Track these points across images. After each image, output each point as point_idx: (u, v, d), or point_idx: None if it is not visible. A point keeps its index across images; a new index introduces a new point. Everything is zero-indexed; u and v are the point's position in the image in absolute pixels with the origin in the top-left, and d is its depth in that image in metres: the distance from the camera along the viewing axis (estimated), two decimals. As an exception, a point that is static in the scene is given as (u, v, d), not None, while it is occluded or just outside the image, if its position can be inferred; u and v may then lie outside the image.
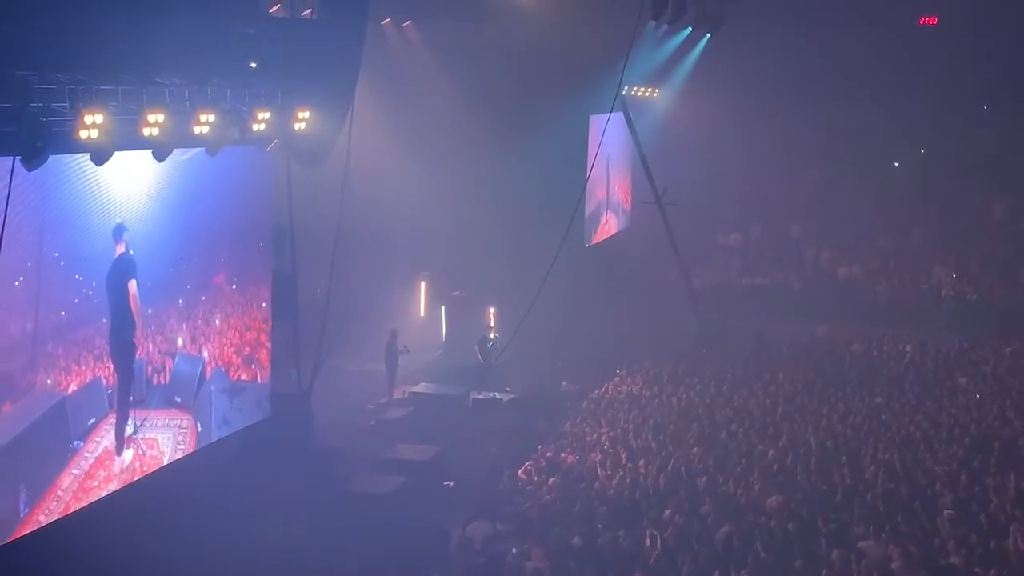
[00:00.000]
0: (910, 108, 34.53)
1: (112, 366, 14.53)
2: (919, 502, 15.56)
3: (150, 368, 15.40)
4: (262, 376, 18.13)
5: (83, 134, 12.36)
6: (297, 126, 16.85)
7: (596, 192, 30.67)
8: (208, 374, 16.70)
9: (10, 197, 11.64)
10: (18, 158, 11.78)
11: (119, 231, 14.48)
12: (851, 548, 13.82)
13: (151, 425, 15.45)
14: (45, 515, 13.32)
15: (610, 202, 32.95)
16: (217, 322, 16.91)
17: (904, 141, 36.93)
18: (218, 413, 16.93)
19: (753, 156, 34.86)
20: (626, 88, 28.46)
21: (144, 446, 15.28)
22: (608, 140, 24.66)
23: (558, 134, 26.41)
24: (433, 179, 24.29)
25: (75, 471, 13.90)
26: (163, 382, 15.69)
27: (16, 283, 12.74)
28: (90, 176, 13.67)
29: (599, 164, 26.79)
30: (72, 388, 13.77)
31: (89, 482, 14.15)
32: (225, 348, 17.15)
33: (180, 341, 16.03)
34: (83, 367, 13.98)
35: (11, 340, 12.74)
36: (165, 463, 15.69)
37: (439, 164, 24.29)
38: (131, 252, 14.67)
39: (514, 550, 14.43)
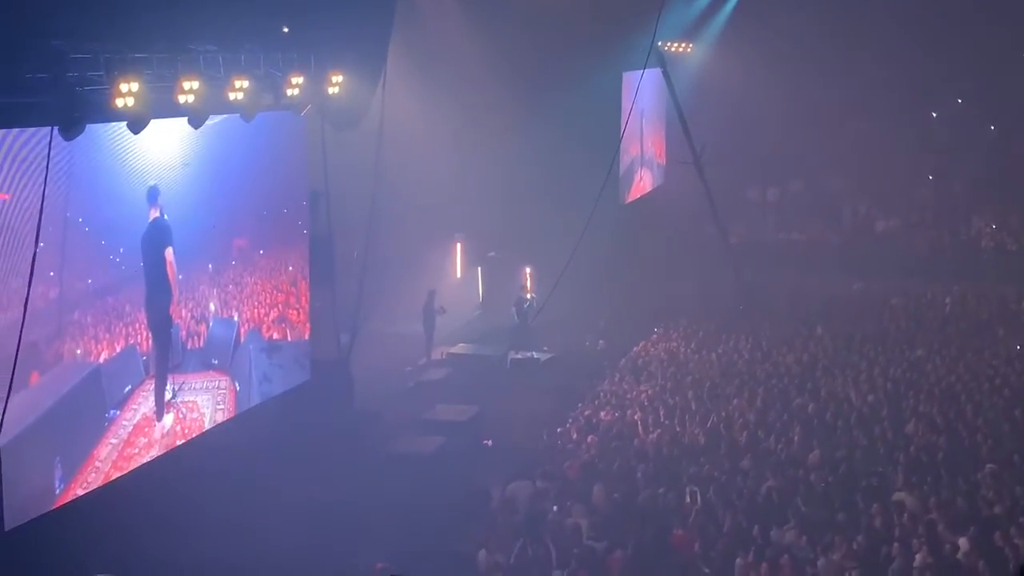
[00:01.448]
0: (947, 57, 33.93)
1: (146, 332, 14.46)
2: (961, 454, 15.50)
3: (184, 332, 15.43)
4: (293, 335, 18.19)
5: (119, 103, 12.37)
6: (331, 90, 16.88)
7: (630, 148, 30.41)
8: (243, 336, 16.80)
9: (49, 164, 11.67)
10: (56, 128, 11.83)
11: (153, 194, 14.30)
12: (892, 501, 13.81)
13: (190, 388, 15.53)
14: (83, 488, 13.22)
15: (644, 158, 32.69)
16: (247, 286, 16.97)
17: (942, 90, 36.37)
18: (259, 371, 17.06)
19: (789, 110, 34.42)
20: (660, 43, 28.12)
21: (184, 409, 15.38)
22: (641, 96, 24.43)
23: (592, 92, 26.18)
24: (467, 139, 24.22)
25: (113, 440, 13.85)
26: (198, 346, 15.74)
27: (37, 249, 12.02)
28: (120, 141, 13.47)
29: (632, 120, 26.57)
30: (104, 357, 13.63)
31: (129, 450, 14.13)
32: (256, 310, 17.22)
33: (212, 306, 16.08)
34: (114, 335, 13.83)
35: (33, 309, 11.86)
36: (206, 424, 15.83)
37: (472, 124, 24.19)
38: (165, 217, 14.59)
39: (555, 508, 14.51)
